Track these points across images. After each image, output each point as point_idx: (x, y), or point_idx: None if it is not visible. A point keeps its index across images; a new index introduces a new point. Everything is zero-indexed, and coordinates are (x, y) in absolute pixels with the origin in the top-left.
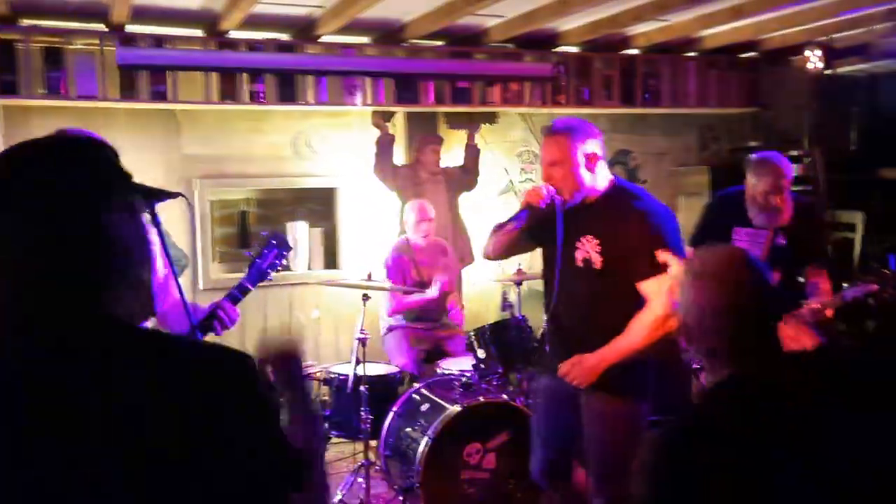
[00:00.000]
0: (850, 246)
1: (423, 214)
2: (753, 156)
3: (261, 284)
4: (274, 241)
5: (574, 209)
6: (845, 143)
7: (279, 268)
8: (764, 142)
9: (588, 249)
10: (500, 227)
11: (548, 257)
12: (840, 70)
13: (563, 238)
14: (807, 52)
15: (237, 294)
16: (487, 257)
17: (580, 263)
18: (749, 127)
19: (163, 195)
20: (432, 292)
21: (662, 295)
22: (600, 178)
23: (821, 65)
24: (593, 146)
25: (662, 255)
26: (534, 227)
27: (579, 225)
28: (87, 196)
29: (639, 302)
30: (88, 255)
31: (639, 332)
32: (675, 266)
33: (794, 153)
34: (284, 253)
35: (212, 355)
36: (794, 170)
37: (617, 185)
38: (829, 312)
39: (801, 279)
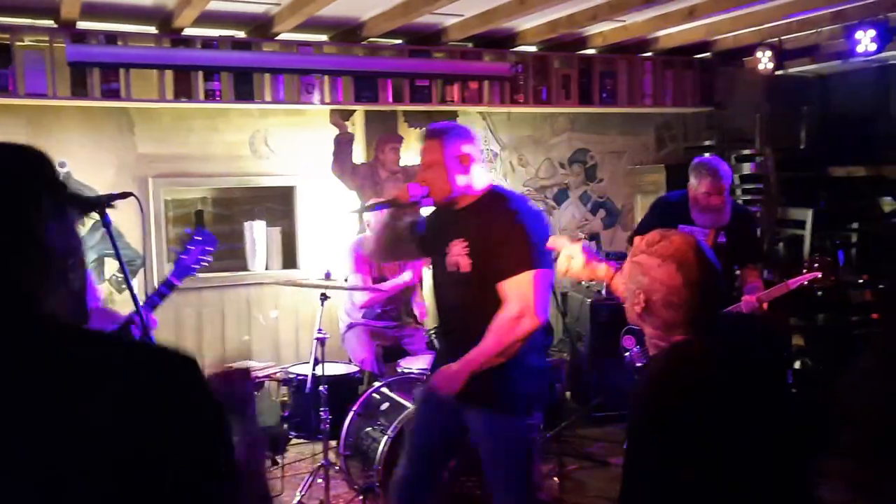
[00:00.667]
0: (801, 242)
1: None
2: (695, 160)
3: (217, 285)
4: (199, 238)
5: (447, 213)
6: (795, 142)
7: (204, 263)
8: (718, 141)
9: (457, 253)
10: (360, 211)
11: (431, 264)
12: (790, 71)
13: (436, 244)
14: (758, 53)
15: (157, 298)
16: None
17: (451, 268)
18: (704, 126)
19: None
20: (406, 277)
21: (518, 297)
22: (476, 181)
23: (771, 66)
24: (468, 149)
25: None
26: (420, 236)
27: (451, 229)
28: (14, 204)
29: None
30: (20, 260)
31: (494, 335)
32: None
33: (747, 152)
34: (209, 249)
35: (158, 356)
36: (732, 173)
37: (493, 190)
38: (765, 306)
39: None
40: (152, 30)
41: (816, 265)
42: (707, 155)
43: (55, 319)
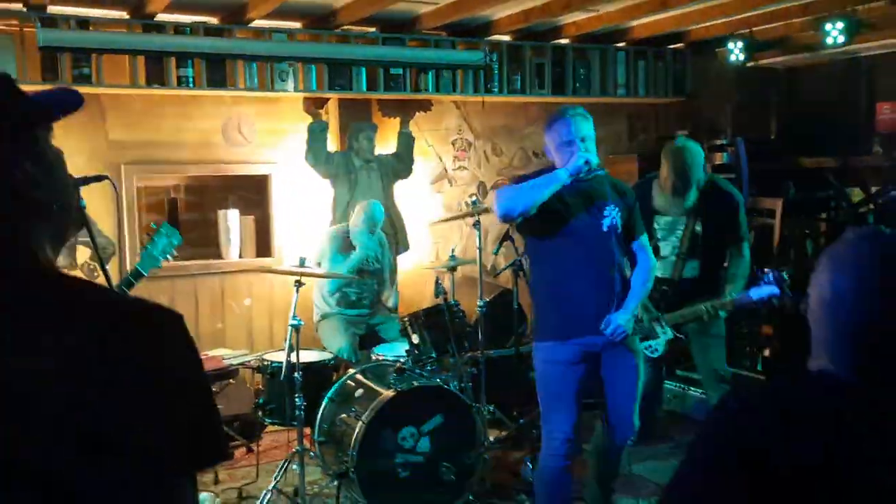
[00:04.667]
0: (770, 231)
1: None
2: (667, 144)
3: (190, 273)
4: (163, 230)
5: (594, 180)
6: (766, 132)
7: (170, 255)
8: (690, 131)
9: (613, 216)
10: (521, 178)
11: (568, 225)
12: (761, 62)
13: (584, 208)
14: (729, 45)
15: (125, 287)
16: (509, 217)
17: (608, 228)
18: (676, 116)
19: (86, 181)
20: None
21: (650, 251)
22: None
23: (742, 57)
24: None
25: None
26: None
27: (601, 195)
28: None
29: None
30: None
31: (645, 283)
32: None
33: (718, 142)
34: (174, 242)
35: (144, 308)
36: (701, 155)
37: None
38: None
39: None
40: (124, 15)
41: (773, 280)
42: (682, 136)
43: (38, 264)
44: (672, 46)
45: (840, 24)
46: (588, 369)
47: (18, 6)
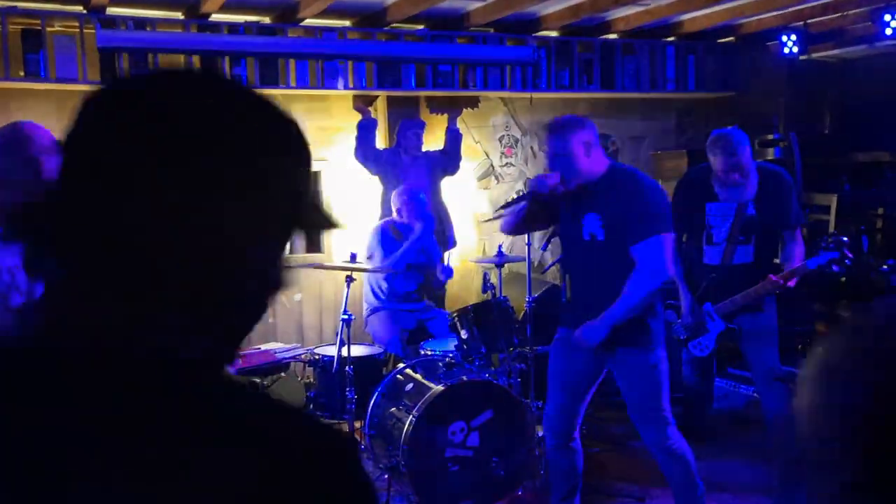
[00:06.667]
0: (825, 228)
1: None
2: (712, 133)
3: None
4: None
5: (578, 190)
6: (819, 128)
7: None
8: (740, 126)
9: (593, 225)
10: (506, 206)
11: (561, 234)
12: (814, 55)
13: (571, 218)
14: (783, 37)
15: None
16: (505, 233)
17: (588, 238)
18: (726, 111)
19: None
20: (416, 231)
21: (651, 258)
22: (597, 163)
23: (796, 50)
24: (589, 136)
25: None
26: (543, 208)
27: (584, 204)
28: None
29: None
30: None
31: (634, 292)
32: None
33: (770, 137)
34: None
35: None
36: (747, 142)
37: (613, 167)
38: (791, 283)
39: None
40: (180, 16)
41: (832, 245)
42: (729, 129)
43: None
44: (722, 40)
45: None
46: (584, 361)
47: (79, 8)
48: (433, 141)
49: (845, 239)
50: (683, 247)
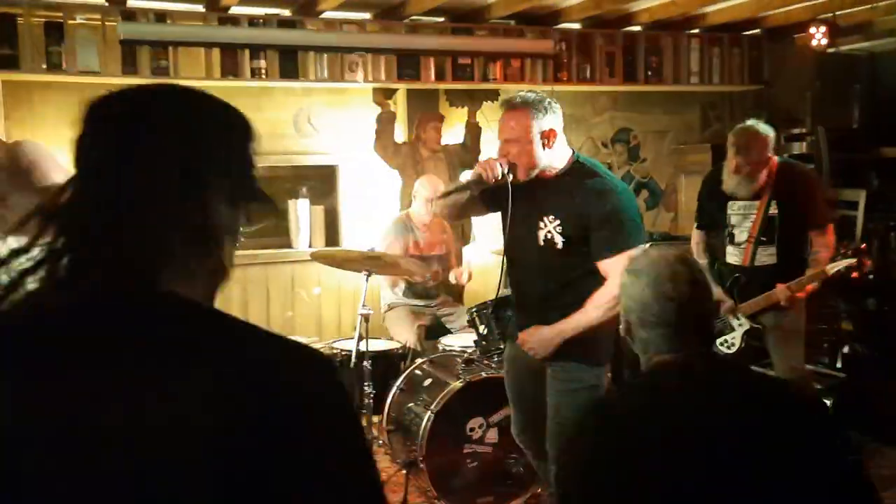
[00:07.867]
0: (853, 224)
1: (437, 193)
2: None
3: (262, 262)
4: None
5: (533, 183)
6: (847, 122)
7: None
8: (766, 120)
9: (549, 228)
10: (447, 193)
11: (505, 228)
12: (843, 48)
13: (522, 214)
14: (811, 30)
15: None
16: (443, 219)
17: (542, 242)
18: (751, 105)
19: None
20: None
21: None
22: (559, 155)
23: (824, 42)
24: (553, 122)
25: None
26: (489, 197)
27: (540, 202)
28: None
29: (598, 279)
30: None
31: (596, 309)
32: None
33: (797, 131)
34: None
35: (291, 356)
36: (770, 137)
37: (578, 163)
38: (808, 288)
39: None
40: (199, 8)
41: (851, 252)
42: (748, 123)
43: (177, 296)
44: (748, 33)
45: None
46: (530, 374)
47: (101, 1)
48: (453, 134)
49: (863, 247)
50: (710, 241)
